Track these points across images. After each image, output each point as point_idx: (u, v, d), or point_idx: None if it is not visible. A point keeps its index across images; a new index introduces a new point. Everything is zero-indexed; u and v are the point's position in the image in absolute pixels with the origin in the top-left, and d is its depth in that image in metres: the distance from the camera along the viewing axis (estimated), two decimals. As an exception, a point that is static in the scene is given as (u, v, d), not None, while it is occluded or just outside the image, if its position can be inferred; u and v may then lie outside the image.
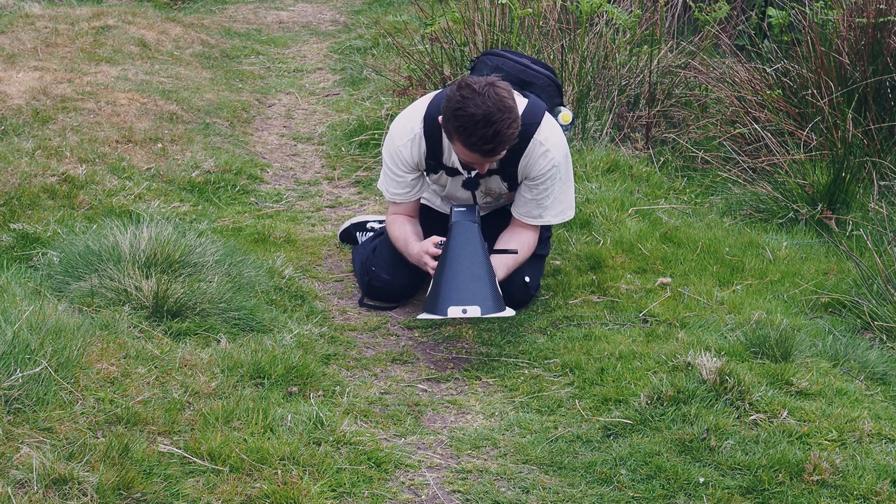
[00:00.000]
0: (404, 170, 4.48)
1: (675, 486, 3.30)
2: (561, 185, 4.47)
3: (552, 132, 4.41)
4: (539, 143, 4.36)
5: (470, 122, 4.08)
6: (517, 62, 4.65)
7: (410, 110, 4.50)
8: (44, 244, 4.64)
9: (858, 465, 3.36)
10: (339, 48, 9.52)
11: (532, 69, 4.64)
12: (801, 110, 6.20)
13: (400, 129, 4.47)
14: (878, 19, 6.02)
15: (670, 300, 4.60)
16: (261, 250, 5.00)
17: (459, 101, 4.10)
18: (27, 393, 3.29)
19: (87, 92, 6.97)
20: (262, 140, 7.00)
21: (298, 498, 3.10)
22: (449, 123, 4.17)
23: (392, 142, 4.48)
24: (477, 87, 4.10)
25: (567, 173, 4.50)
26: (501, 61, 4.64)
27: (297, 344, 4.08)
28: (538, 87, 4.62)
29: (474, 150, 4.16)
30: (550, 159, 4.37)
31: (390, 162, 4.49)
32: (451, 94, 4.15)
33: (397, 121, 4.52)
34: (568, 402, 3.85)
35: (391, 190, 4.54)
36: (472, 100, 4.07)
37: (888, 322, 4.37)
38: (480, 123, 4.07)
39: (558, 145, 4.41)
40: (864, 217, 5.42)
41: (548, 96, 4.64)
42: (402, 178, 4.50)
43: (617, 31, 7.08)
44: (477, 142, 4.12)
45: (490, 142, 4.11)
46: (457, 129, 4.13)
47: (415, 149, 4.44)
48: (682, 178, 6.21)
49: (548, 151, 4.36)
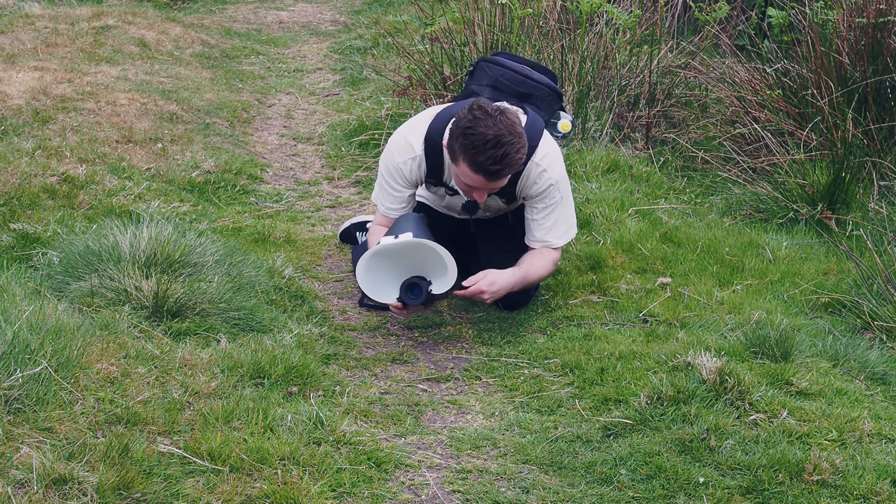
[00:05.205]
0: (402, 185, 4.47)
1: (675, 486, 3.30)
2: (562, 205, 4.48)
3: (549, 151, 4.41)
4: (536, 163, 4.37)
5: (480, 141, 4.07)
6: (517, 73, 4.62)
7: (410, 128, 4.48)
8: (44, 244, 4.64)
9: (858, 465, 3.36)
10: (339, 48, 9.53)
11: (531, 80, 4.62)
12: (801, 110, 6.20)
13: (400, 147, 4.44)
14: (878, 19, 6.02)
15: (670, 300, 4.60)
16: (261, 250, 4.99)
17: (471, 120, 4.10)
18: (27, 393, 3.29)
19: (87, 92, 6.97)
20: (262, 140, 7.00)
21: (298, 498, 3.10)
22: (456, 143, 4.15)
23: (392, 158, 4.45)
24: (489, 109, 4.11)
25: (566, 191, 4.50)
26: (501, 72, 4.63)
27: (297, 344, 4.08)
28: (538, 97, 4.62)
29: (480, 171, 4.13)
30: (548, 178, 4.38)
31: (388, 177, 4.47)
32: (461, 115, 4.15)
33: (396, 137, 4.49)
34: (568, 402, 3.85)
35: (386, 204, 4.52)
36: (484, 121, 4.08)
37: (888, 322, 4.37)
38: (491, 143, 4.06)
39: (555, 164, 4.42)
40: (864, 217, 5.41)
41: (547, 106, 4.65)
42: (399, 192, 4.49)
43: (617, 31, 7.08)
44: (485, 161, 4.09)
45: (498, 163, 4.09)
46: (465, 148, 4.12)
47: (415, 168, 4.43)
48: (682, 178, 6.21)
49: (544, 171, 4.37)
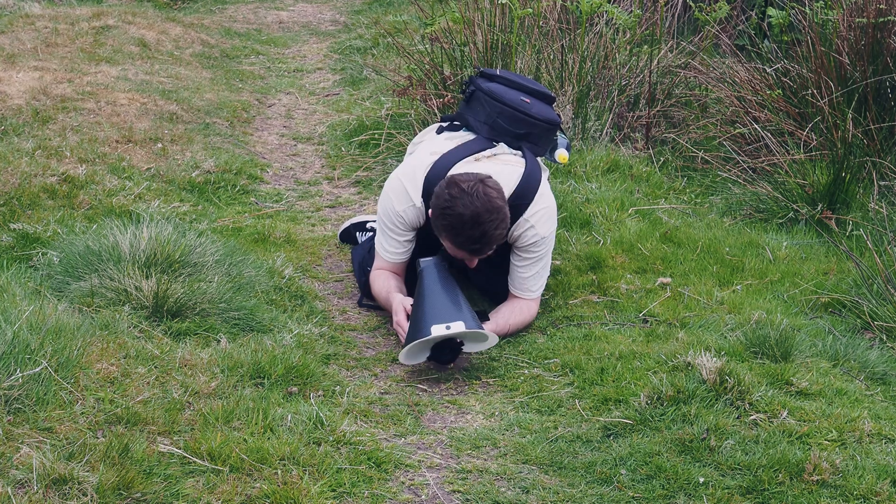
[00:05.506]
0: (404, 230, 4.48)
1: (675, 486, 3.30)
2: (546, 259, 4.50)
3: (541, 209, 4.43)
4: (525, 219, 4.39)
5: (458, 223, 4.12)
6: (515, 110, 4.58)
7: (407, 176, 4.46)
8: (44, 244, 4.64)
9: (858, 465, 3.36)
10: (339, 48, 9.52)
11: (529, 118, 4.58)
12: (801, 110, 6.20)
13: (400, 196, 4.44)
14: (878, 19, 6.02)
15: (670, 300, 4.60)
16: (261, 250, 4.99)
17: (448, 199, 4.14)
18: (27, 393, 3.29)
19: (87, 92, 6.97)
20: (262, 140, 7.00)
21: (298, 498, 3.10)
22: (437, 221, 4.21)
23: (391, 205, 4.45)
24: (466, 186, 4.13)
25: (551, 245, 4.53)
26: (498, 110, 4.58)
27: (297, 344, 4.08)
28: (536, 135, 4.62)
29: (462, 249, 4.22)
30: (534, 234, 4.41)
31: (390, 223, 4.47)
32: (439, 192, 4.19)
33: (394, 185, 4.48)
34: (568, 402, 3.85)
35: (390, 250, 4.52)
36: (461, 199, 4.11)
37: (888, 322, 4.37)
38: (468, 224, 4.11)
39: (545, 221, 4.43)
40: (864, 217, 5.41)
41: (545, 140, 4.68)
42: (402, 237, 4.49)
43: (617, 31, 7.07)
44: (464, 242, 4.17)
45: (477, 242, 4.16)
46: (445, 228, 4.18)
47: (417, 214, 4.45)
48: (682, 178, 6.21)
49: (532, 227, 4.40)
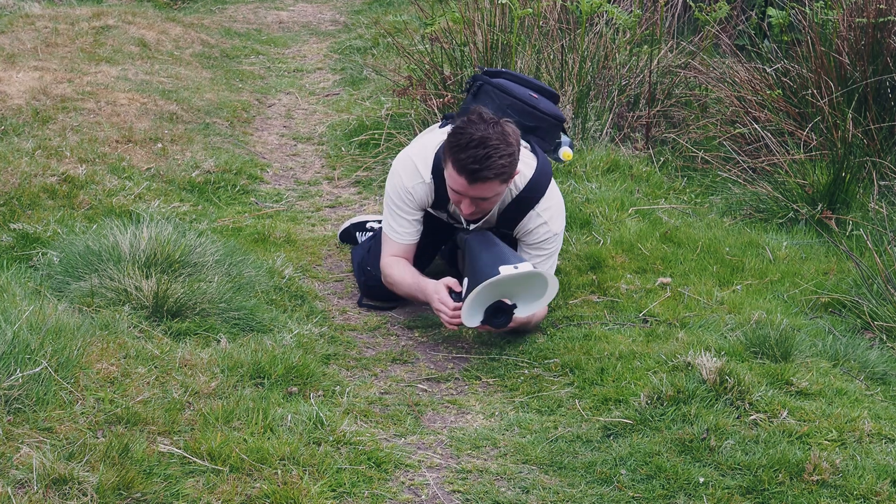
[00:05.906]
0: (413, 207, 4.47)
1: (675, 486, 3.30)
2: (555, 256, 4.51)
3: (552, 204, 4.44)
4: (537, 213, 4.40)
5: (465, 140, 4.10)
6: (525, 103, 4.62)
7: (417, 153, 4.47)
8: (44, 244, 4.64)
9: (858, 465, 3.36)
10: (339, 48, 9.53)
11: (538, 111, 4.62)
12: (801, 110, 6.20)
13: (409, 171, 4.44)
14: (878, 19, 6.02)
15: (670, 300, 4.60)
16: (261, 250, 4.99)
17: (464, 122, 4.15)
18: (27, 393, 3.29)
19: (87, 92, 6.97)
20: (262, 140, 7.00)
21: (298, 498, 3.10)
22: (447, 143, 4.19)
23: (401, 181, 4.44)
24: (486, 116, 4.15)
25: (560, 243, 4.53)
26: (508, 101, 4.62)
27: (297, 344, 4.08)
28: (543, 129, 4.64)
29: (462, 172, 4.14)
30: (547, 231, 4.42)
31: (399, 201, 4.45)
32: (459, 122, 4.19)
33: (403, 160, 4.48)
34: (568, 402, 3.85)
35: (400, 230, 4.49)
36: (477, 124, 4.12)
37: (888, 322, 4.37)
38: (474, 143, 4.09)
39: (556, 218, 4.45)
40: (864, 217, 5.41)
41: (551, 136, 4.69)
42: (411, 215, 4.48)
43: (617, 31, 7.07)
44: (465, 159, 4.09)
45: (478, 162, 4.09)
46: (450, 146, 4.15)
47: (426, 191, 4.44)
48: (682, 178, 6.21)
49: (545, 223, 4.41)
